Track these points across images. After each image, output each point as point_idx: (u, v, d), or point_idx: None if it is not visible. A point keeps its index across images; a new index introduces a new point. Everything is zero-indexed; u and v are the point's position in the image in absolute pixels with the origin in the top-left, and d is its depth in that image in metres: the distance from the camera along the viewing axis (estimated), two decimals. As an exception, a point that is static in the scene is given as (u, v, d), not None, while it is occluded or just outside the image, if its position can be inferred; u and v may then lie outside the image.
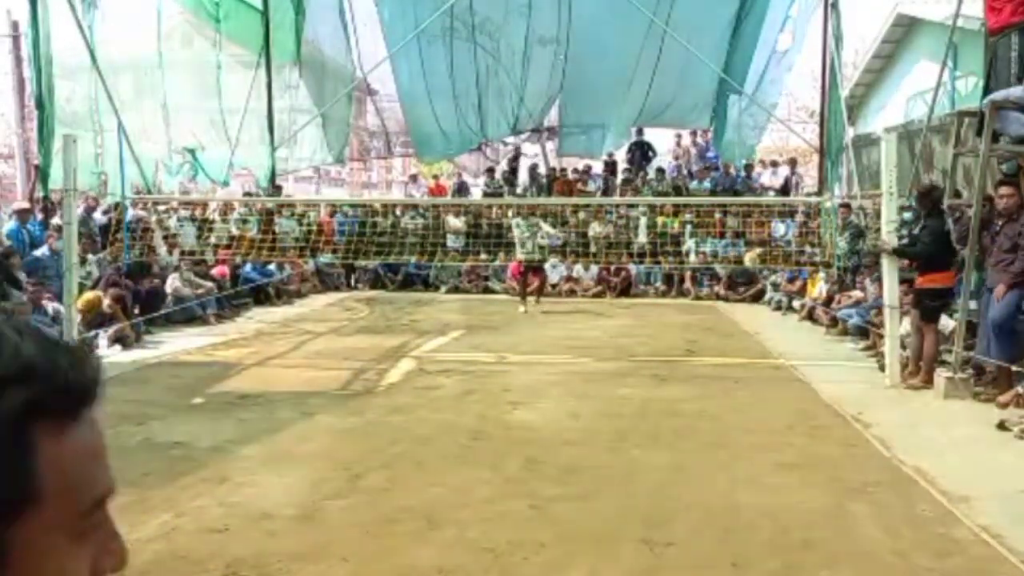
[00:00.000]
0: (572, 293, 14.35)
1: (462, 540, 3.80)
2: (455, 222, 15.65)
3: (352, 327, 10.87)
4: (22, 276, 8.52)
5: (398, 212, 16.06)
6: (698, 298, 14.02)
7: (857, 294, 10.23)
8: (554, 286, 13.06)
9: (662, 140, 19.79)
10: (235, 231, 13.91)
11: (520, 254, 12.10)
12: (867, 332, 9.19)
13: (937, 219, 7.05)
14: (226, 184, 15.62)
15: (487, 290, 14.93)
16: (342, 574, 3.48)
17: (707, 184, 16.50)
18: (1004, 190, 6.56)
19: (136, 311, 9.69)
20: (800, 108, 28.00)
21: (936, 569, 3.52)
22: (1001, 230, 6.52)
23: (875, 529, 3.94)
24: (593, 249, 14.43)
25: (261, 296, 12.90)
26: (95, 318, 8.75)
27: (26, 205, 10.36)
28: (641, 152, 18.28)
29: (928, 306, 7.10)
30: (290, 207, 15.55)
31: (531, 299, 12.12)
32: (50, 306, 8.51)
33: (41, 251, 9.41)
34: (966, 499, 4.31)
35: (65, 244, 8.11)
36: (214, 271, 12.07)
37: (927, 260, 7.01)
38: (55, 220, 9.75)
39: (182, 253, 11.98)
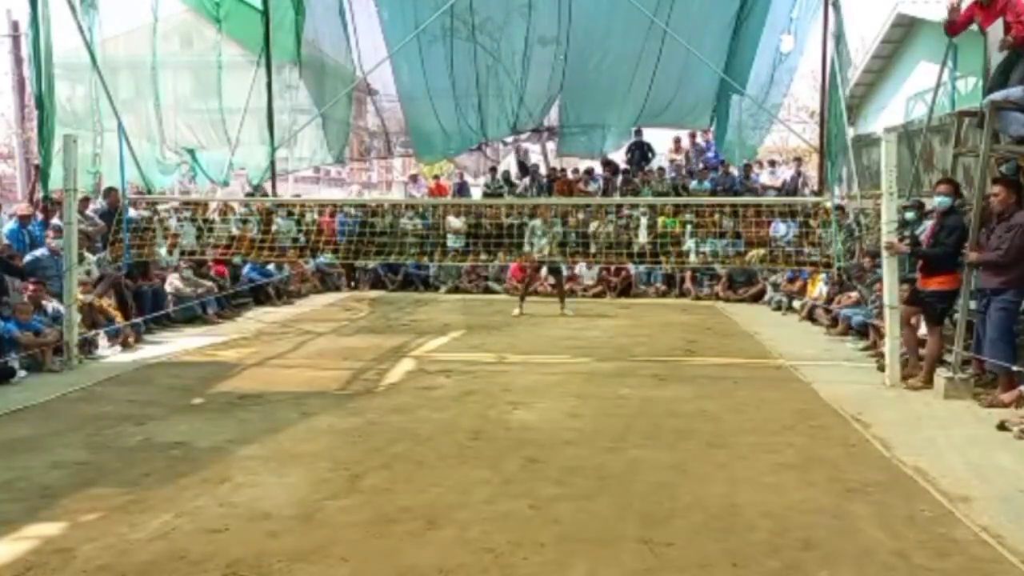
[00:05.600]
0: (572, 293, 14.34)
1: (462, 540, 3.80)
2: (455, 222, 15.66)
3: (352, 327, 10.87)
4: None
5: (397, 212, 16.06)
6: (698, 298, 14.03)
7: (857, 294, 10.23)
8: (553, 286, 13.07)
9: (662, 141, 19.80)
10: (235, 231, 13.91)
11: (535, 254, 12.07)
12: (867, 332, 9.18)
13: (955, 218, 7.02)
14: (226, 184, 15.62)
15: (487, 290, 14.93)
16: (342, 574, 3.49)
17: (707, 184, 16.50)
18: (995, 188, 6.57)
19: (136, 311, 9.68)
20: (800, 108, 28.02)
21: (936, 569, 3.53)
22: (994, 229, 6.53)
23: (875, 529, 3.94)
24: (593, 249, 14.43)
25: (261, 296, 12.90)
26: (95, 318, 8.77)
27: (28, 210, 10.33)
28: (640, 152, 18.29)
29: (936, 308, 7.08)
30: (288, 207, 15.56)
31: (535, 302, 12.16)
32: (50, 306, 8.50)
33: (41, 251, 9.40)
34: (966, 499, 4.31)
35: (65, 244, 8.11)
36: (213, 270, 12.08)
37: (938, 262, 6.99)
38: (55, 220, 9.74)
39: (182, 253, 11.98)
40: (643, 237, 14.75)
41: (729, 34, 16.45)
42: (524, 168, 18.73)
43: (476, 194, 18.77)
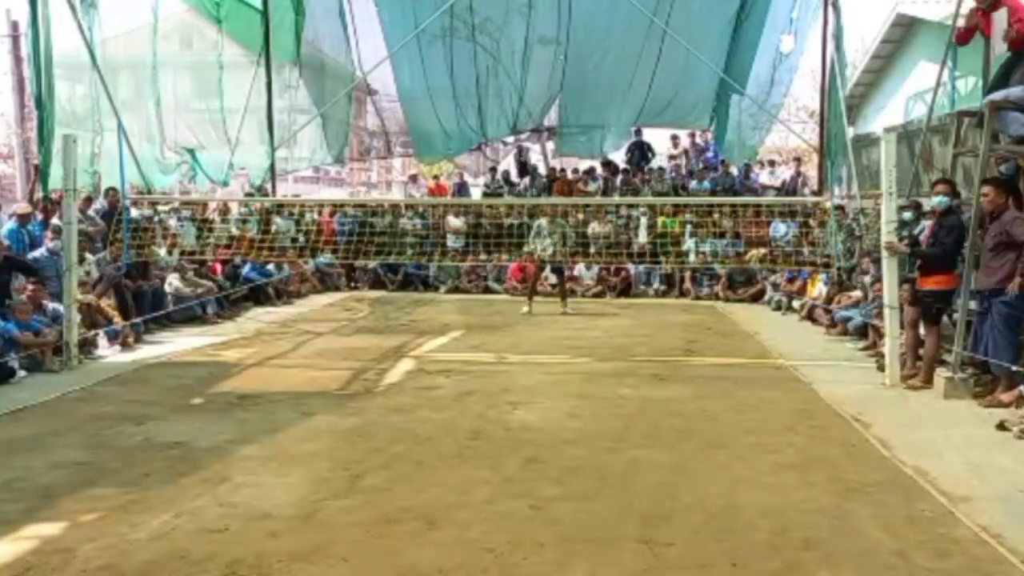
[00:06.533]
0: (572, 293, 14.33)
1: (462, 540, 3.80)
2: (455, 222, 15.66)
3: (352, 327, 10.87)
4: (21, 279, 8.50)
5: (397, 212, 16.07)
6: (698, 298, 14.03)
7: (857, 294, 10.23)
8: (554, 286, 13.09)
9: (661, 141, 19.81)
10: (235, 231, 13.92)
11: (539, 253, 12.08)
12: (867, 332, 9.18)
13: (953, 217, 7.03)
14: (225, 184, 15.62)
15: (487, 290, 14.93)
16: (342, 574, 3.48)
17: (707, 184, 16.50)
18: (984, 189, 6.58)
19: (135, 311, 9.67)
20: (800, 108, 28.02)
21: (936, 569, 3.52)
22: (987, 230, 6.54)
23: (875, 529, 3.94)
24: (593, 249, 14.44)
25: (261, 297, 12.89)
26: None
27: (27, 209, 10.32)
28: (640, 152, 18.29)
29: (932, 307, 7.09)
30: (288, 207, 15.59)
31: (537, 302, 12.18)
32: (50, 306, 8.49)
33: (40, 251, 9.40)
34: (966, 499, 4.31)
35: (65, 244, 8.10)
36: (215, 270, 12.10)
37: (937, 261, 6.99)
38: (54, 220, 9.74)
39: (182, 253, 11.98)
40: (643, 237, 14.75)
41: (729, 34, 16.46)
42: (524, 168, 18.72)
43: (476, 194, 18.78)
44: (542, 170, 18.89)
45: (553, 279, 12.98)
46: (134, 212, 11.11)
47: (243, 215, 14.64)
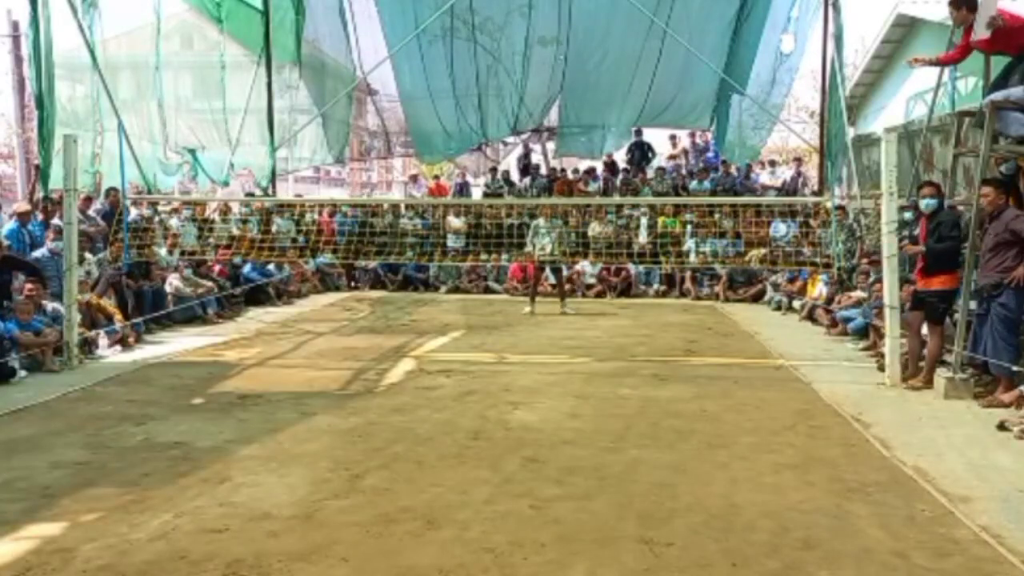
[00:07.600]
0: (573, 293, 14.35)
1: (462, 540, 3.80)
2: (456, 222, 15.67)
3: (352, 327, 10.87)
4: (21, 279, 8.50)
5: (397, 212, 16.08)
6: (698, 298, 14.03)
7: (858, 294, 10.23)
8: (554, 286, 13.09)
9: (661, 141, 19.80)
10: (235, 231, 13.92)
11: (537, 253, 12.08)
12: (867, 332, 9.18)
13: (949, 214, 7.03)
14: (226, 184, 15.63)
15: (487, 290, 14.94)
16: (342, 574, 3.49)
17: (707, 184, 16.50)
18: (984, 189, 6.59)
19: (136, 311, 9.68)
20: (800, 108, 28.03)
21: (936, 569, 3.53)
22: (987, 231, 6.56)
23: (875, 529, 3.94)
24: (593, 249, 14.44)
25: (261, 297, 12.89)
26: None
27: (26, 208, 10.33)
28: (640, 152, 18.29)
29: (937, 308, 7.09)
30: (289, 207, 15.60)
31: (538, 302, 12.18)
32: (50, 306, 8.49)
33: (40, 252, 9.41)
34: (966, 499, 4.31)
35: (65, 244, 8.11)
36: (215, 270, 12.09)
37: (943, 259, 6.99)
38: (55, 220, 9.74)
39: (182, 253, 11.98)
40: (643, 237, 14.75)
41: (729, 34, 16.45)
42: (526, 169, 18.72)
43: (476, 194, 18.78)
44: (543, 170, 18.89)
45: (553, 279, 12.99)
46: (134, 212, 11.11)
47: (243, 215, 14.64)
